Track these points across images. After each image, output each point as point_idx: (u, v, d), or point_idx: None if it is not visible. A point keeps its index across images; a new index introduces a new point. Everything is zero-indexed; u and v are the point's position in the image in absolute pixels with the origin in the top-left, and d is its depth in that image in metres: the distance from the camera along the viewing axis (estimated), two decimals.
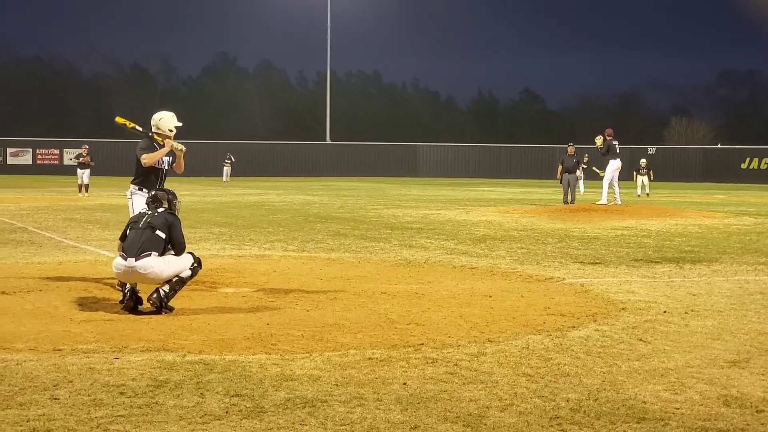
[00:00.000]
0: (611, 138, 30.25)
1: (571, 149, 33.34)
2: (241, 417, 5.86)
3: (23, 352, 7.63)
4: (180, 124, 11.63)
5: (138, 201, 11.09)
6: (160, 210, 10.05)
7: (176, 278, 9.67)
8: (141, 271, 9.55)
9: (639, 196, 41.10)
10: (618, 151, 30.33)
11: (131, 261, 9.59)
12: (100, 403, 6.13)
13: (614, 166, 30.06)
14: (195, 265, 9.87)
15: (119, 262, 9.71)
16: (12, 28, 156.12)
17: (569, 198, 31.96)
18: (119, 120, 11.99)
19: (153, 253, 9.63)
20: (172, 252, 9.87)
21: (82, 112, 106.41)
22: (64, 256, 14.97)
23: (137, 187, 11.45)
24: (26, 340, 8.13)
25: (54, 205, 30.29)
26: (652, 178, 44.43)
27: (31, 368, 7.07)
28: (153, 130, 11.51)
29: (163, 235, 9.78)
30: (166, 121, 11.55)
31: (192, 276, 9.87)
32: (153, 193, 10.37)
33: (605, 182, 30.38)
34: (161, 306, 9.52)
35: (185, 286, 9.96)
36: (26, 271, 12.74)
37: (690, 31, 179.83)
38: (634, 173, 44.39)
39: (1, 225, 21.24)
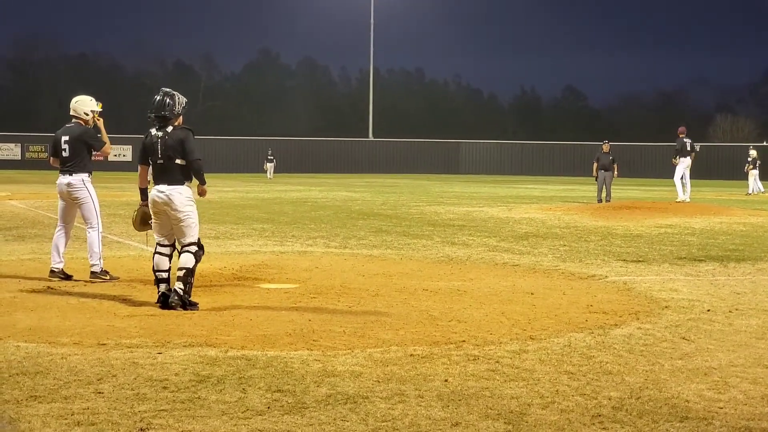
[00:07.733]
0: (683, 136, 32.40)
1: (606, 146, 33.14)
2: (282, 412, 5.89)
3: (68, 346, 7.72)
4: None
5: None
6: (169, 130, 9.90)
7: (184, 271, 9.61)
8: (170, 197, 9.71)
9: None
10: (689, 149, 32.32)
11: (163, 186, 9.80)
12: (143, 397, 6.18)
13: (684, 163, 31.97)
14: (197, 249, 9.82)
15: (155, 192, 9.87)
16: (58, 26, 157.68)
17: (603, 195, 31.79)
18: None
19: (185, 181, 9.86)
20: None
21: (126, 108, 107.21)
22: (108, 251, 15.07)
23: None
24: (71, 334, 8.23)
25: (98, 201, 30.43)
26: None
27: (76, 362, 7.15)
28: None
29: (182, 162, 9.84)
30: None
31: (197, 263, 9.79)
32: (159, 96, 10.09)
33: (676, 179, 31.18)
34: (185, 305, 9.52)
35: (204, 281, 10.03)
36: (71, 266, 12.85)
37: (734, 28, 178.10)
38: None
39: (47, 221, 21.44)
